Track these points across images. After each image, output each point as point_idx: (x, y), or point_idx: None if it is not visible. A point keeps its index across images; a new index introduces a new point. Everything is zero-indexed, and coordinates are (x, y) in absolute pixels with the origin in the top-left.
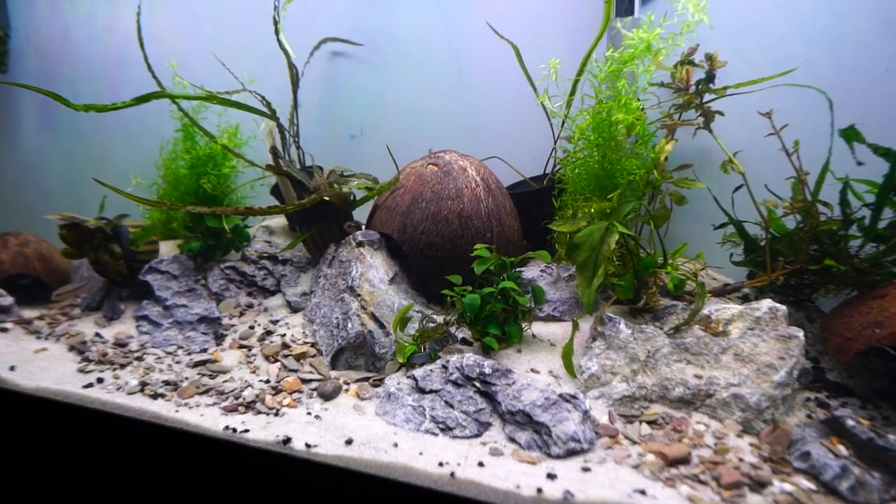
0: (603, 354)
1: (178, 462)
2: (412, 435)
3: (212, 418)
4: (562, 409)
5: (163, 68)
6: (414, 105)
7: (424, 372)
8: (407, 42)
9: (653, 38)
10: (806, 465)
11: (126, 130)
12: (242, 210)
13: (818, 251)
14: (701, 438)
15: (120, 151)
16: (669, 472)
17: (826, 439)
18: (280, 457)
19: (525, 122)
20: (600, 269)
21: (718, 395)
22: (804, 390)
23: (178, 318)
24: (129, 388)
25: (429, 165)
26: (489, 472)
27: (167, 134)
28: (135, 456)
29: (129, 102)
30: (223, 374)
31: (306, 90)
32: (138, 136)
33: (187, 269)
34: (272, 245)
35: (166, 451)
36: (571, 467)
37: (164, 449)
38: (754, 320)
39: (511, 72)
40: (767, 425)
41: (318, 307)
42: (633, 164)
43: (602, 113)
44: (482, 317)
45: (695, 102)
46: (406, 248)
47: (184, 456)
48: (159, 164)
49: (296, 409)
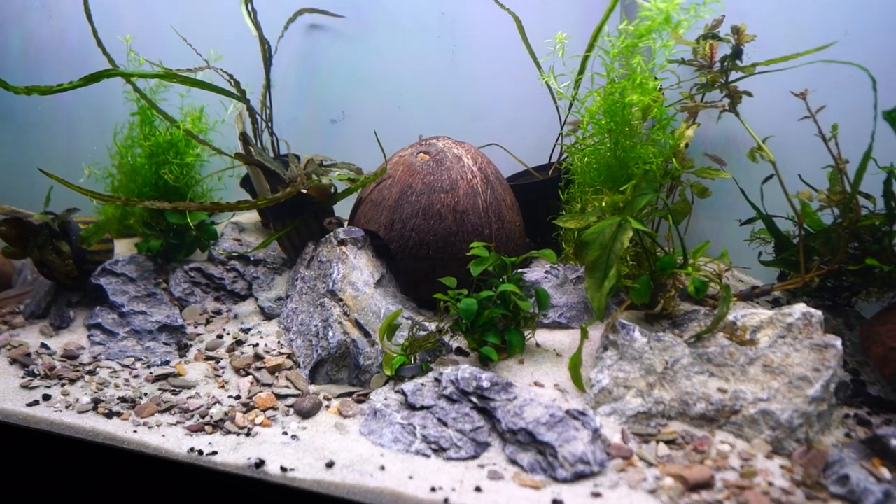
0: (615, 366)
1: (137, 489)
2: (401, 457)
3: (174, 439)
4: (569, 427)
5: (116, 44)
6: (402, 85)
7: (415, 386)
8: (394, 13)
9: (672, 8)
10: (844, 489)
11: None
12: (208, 205)
13: (858, 249)
14: (725, 460)
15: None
16: (690, 497)
17: (867, 461)
18: (252, 482)
19: (528, 105)
20: (612, 270)
21: (745, 412)
22: (842, 406)
23: (136, 327)
24: (81, 405)
25: (419, 154)
26: (488, 497)
27: (122, 118)
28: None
29: (77, 83)
30: (187, 390)
31: (280, 68)
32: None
33: (146, 271)
34: (243, 244)
35: (123, 476)
36: (580, 492)
37: (120, 474)
38: (786, 327)
39: (512, 47)
40: (800, 445)
41: (295, 313)
42: (650, 151)
43: (614, 94)
44: (479, 324)
45: (719, 82)
46: (394, 246)
47: (143, 482)
48: (114, 153)
49: (270, 429)
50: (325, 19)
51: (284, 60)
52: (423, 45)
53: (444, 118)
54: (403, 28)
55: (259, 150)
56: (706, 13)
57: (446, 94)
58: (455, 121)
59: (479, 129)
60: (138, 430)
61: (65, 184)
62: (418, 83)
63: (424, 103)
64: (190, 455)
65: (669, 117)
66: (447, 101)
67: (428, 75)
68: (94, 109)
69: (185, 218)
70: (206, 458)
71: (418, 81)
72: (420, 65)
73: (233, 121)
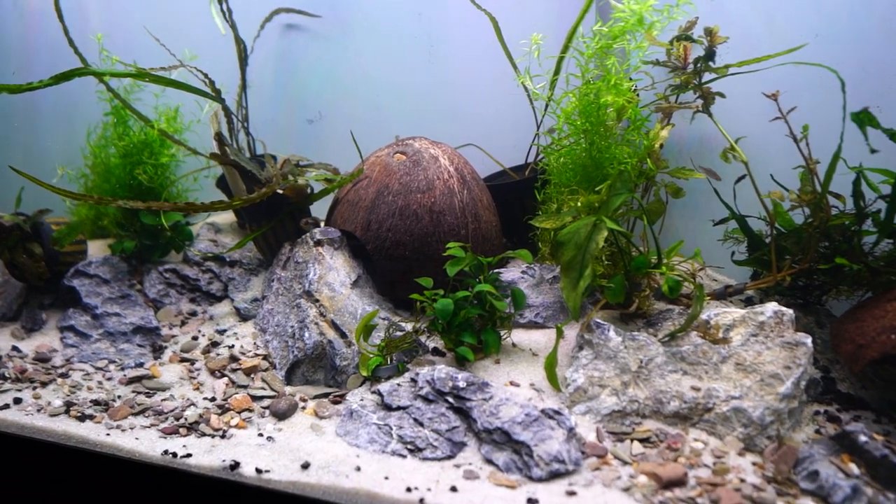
0: (590, 365)
1: (110, 492)
2: (377, 457)
3: (148, 442)
4: (544, 426)
5: (91, 43)
6: (379, 86)
7: (391, 386)
8: (371, 13)
9: (645, 9)
10: (814, 485)
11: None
12: (182, 206)
13: (829, 248)
14: (698, 457)
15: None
16: (663, 495)
17: (836, 457)
18: (227, 484)
19: (505, 106)
20: (587, 269)
21: (718, 410)
22: (813, 403)
23: (110, 329)
24: (53, 408)
25: (396, 154)
26: (463, 497)
27: (96, 118)
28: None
29: (48, 81)
30: (162, 392)
31: (257, 68)
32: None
33: (120, 273)
34: (218, 244)
35: (96, 480)
36: (555, 491)
37: (93, 478)
38: (758, 326)
39: (489, 48)
40: (772, 442)
41: (271, 314)
42: (625, 152)
43: (589, 95)
44: (456, 324)
45: (693, 83)
46: (370, 247)
47: (117, 485)
48: (87, 153)
49: (245, 430)
50: (302, 19)
51: (261, 60)
52: (400, 45)
53: (421, 118)
54: (380, 28)
55: (235, 150)
56: (679, 15)
57: (423, 94)
58: (432, 121)
59: (456, 130)
60: (111, 433)
61: (36, 182)
62: (395, 84)
63: (401, 104)
64: (164, 458)
65: (644, 118)
66: (424, 101)
67: (405, 76)
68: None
69: (159, 219)
70: (181, 461)
71: (395, 82)
72: (397, 65)
73: (208, 121)
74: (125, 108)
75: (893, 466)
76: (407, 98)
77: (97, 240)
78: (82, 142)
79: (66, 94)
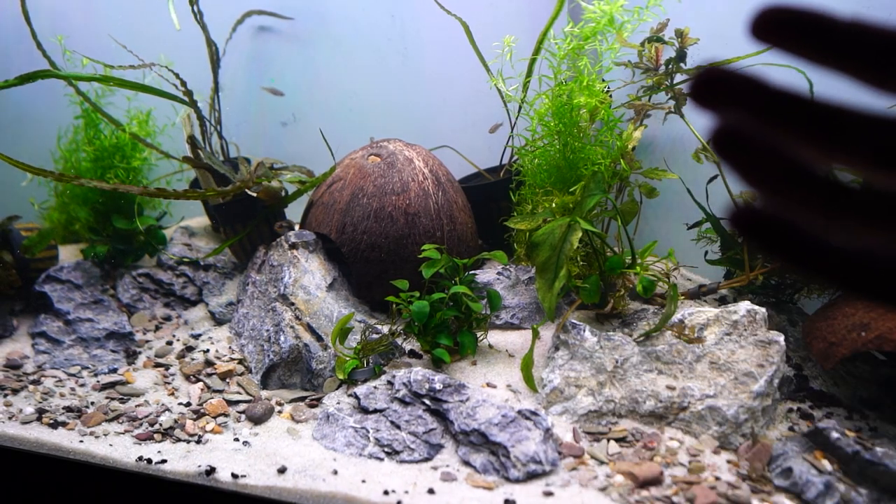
0: (566, 365)
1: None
2: (354, 460)
3: (123, 448)
4: (521, 427)
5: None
6: (353, 88)
7: (368, 389)
8: (344, 15)
9: (615, 9)
10: (788, 482)
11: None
12: (154, 191)
13: None
14: (674, 456)
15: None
16: (640, 494)
17: (809, 454)
18: (203, 489)
19: (479, 107)
20: (562, 270)
21: (693, 408)
22: (786, 400)
23: (83, 335)
24: (24, 416)
25: (370, 156)
26: (440, 499)
27: (67, 121)
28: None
29: (12, 82)
30: (136, 398)
31: (229, 71)
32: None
33: (92, 278)
34: (193, 248)
35: (69, 487)
36: (532, 492)
37: (66, 485)
38: (731, 324)
39: (463, 50)
40: (746, 440)
41: (247, 318)
42: (598, 152)
43: (562, 96)
44: (432, 326)
45: (665, 84)
46: (346, 249)
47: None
48: (57, 157)
49: (221, 435)
50: (275, 21)
51: (233, 63)
52: (373, 47)
53: (395, 120)
54: (353, 31)
55: (208, 153)
56: (650, 16)
57: (397, 96)
58: (406, 123)
59: (431, 131)
60: (85, 440)
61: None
62: (369, 85)
63: (375, 105)
64: (138, 464)
65: (617, 119)
66: (398, 103)
67: (379, 77)
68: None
69: (132, 223)
70: (156, 467)
71: (369, 84)
72: (371, 67)
73: (181, 124)
74: (96, 111)
75: (865, 462)
76: (381, 99)
77: (69, 245)
78: (52, 145)
79: (36, 97)
